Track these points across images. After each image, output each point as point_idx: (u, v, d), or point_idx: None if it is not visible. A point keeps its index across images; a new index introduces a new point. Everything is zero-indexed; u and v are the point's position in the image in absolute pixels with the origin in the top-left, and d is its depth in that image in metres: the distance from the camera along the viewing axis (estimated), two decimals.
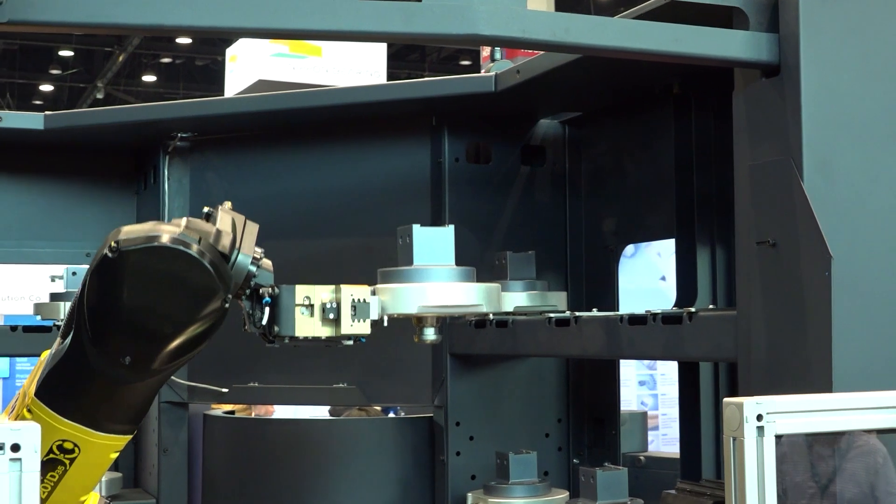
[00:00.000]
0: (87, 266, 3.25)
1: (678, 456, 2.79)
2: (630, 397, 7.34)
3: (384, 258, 2.69)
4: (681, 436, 2.73)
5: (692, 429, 2.66)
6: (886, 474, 2.03)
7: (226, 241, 2.15)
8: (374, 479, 3.00)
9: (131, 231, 2.09)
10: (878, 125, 2.01)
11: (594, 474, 2.49)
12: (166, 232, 2.05)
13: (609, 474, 2.50)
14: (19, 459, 1.35)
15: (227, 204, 2.39)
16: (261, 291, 2.32)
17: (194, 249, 2.05)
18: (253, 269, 2.23)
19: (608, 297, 2.95)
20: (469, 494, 2.80)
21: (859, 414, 1.81)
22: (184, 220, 2.16)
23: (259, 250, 2.28)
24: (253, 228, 2.37)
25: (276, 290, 2.36)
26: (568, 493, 2.79)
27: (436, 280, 2.30)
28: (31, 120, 3.13)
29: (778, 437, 1.69)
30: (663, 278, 3.71)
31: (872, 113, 2.00)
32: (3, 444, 1.35)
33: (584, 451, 3.04)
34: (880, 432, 1.85)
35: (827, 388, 1.90)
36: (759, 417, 1.68)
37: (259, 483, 3.08)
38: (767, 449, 1.68)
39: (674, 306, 2.52)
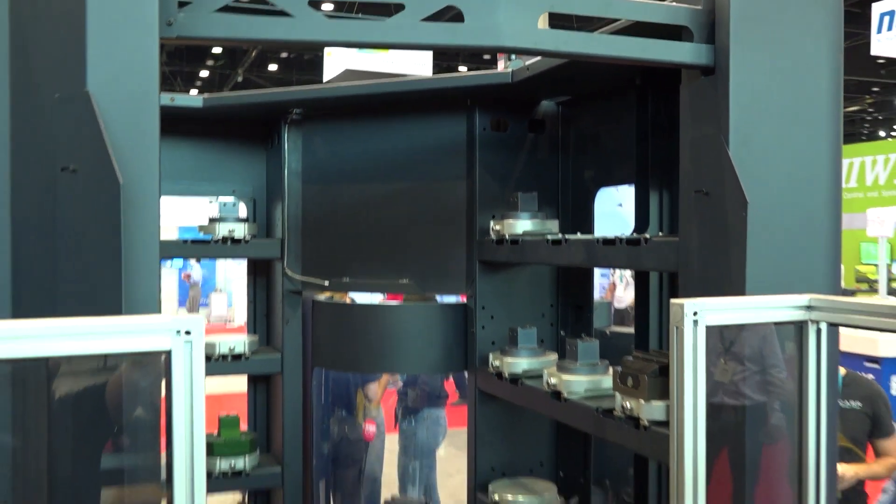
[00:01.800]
0: (232, 198, 3.31)
1: (633, 332, 2.76)
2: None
3: (432, 196, 2.88)
4: (635, 319, 2.70)
5: (643, 314, 2.63)
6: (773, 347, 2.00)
7: None
8: (427, 344, 3.00)
9: None
10: (784, 112, 1.97)
11: (575, 344, 2.47)
12: None
13: (586, 344, 2.47)
14: (190, 341, 1.33)
15: None
16: None
17: None
18: None
19: (587, 224, 2.93)
20: (490, 355, 2.80)
21: (762, 311, 1.76)
22: None
23: None
24: None
25: None
26: (557, 356, 2.77)
27: None
28: (193, 101, 3.12)
29: (708, 328, 1.65)
30: (620, 205, 3.66)
31: (780, 103, 1.96)
32: (180, 329, 1.33)
33: (569, 327, 3.03)
34: (777, 324, 1.81)
35: (742, 293, 1.86)
36: (695, 313, 1.63)
37: (349, 345, 3.10)
38: (700, 335, 1.64)
39: (632, 232, 2.50)
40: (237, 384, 3.71)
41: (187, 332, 1.30)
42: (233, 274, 18.22)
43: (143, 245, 1.65)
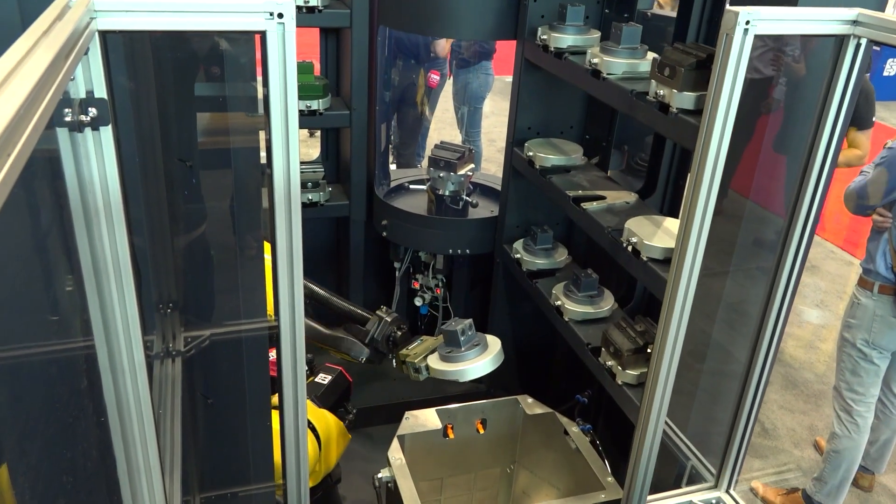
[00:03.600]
0: None
1: (675, 16, 2.55)
2: None
3: None
4: (678, 8, 2.47)
5: (687, 2, 2.40)
6: None
7: None
8: (482, 12, 2.79)
9: None
10: None
11: (620, 27, 2.30)
12: None
13: (629, 28, 2.29)
14: (283, 24, 1.24)
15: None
16: None
17: None
18: None
19: None
20: (538, 28, 2.62)
21: (812, 23, 1.59)
22: None
23: None
24: None
25: None
26: (599, 35, 2.59)
27: None
28: None
29: (756, 37, 1.51)
30: None
31: None
32: (272, 12, 1.23)
33: (613, 5, 2.78)
34: (821, 36, 1.64)
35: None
36: (748, 22, 1.49)
37: (412, 8, 2.89)
38: (748, 44, 1.51)
39: None
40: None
41: (280, 15, 1.21)
42: None
43: None
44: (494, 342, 2.35)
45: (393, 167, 4.00)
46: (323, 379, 2.53)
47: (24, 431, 1.12)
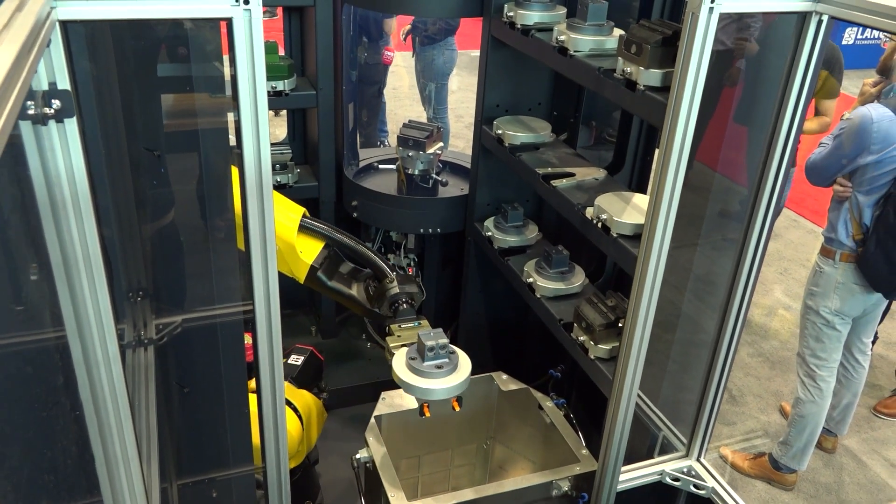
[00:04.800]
0: None
1: None
2: None
3: None
4: None
5: None
6: None
7: None
8: None
9: None
10: None
11: (586, 4, 2.30)
12: None
13: (595, 6, 2.30)
14: (249, 9, 1.22)
15: None
16: None
17: None
18: None
19: None
20: (505, 5, 2.61)
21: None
22: None
23: None
24: None
25: None
26: (566, 11, 2.59)
27: None
28: None
29: (721, 15, 1.52)
30: None
31: None
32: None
33: None
34: (783, 14, 1.67)
35: None
36: (713, 0, 1.50)
37: None
38: (713, 22, 1.52)
39: None
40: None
41: (245, 1, 1.19)
42: None
43: None
44: (462, 370, 2.05)
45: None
46: (296, 360, 2.53)
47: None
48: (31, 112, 1.04)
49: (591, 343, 2.30)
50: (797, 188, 4.51)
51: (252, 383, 1.70)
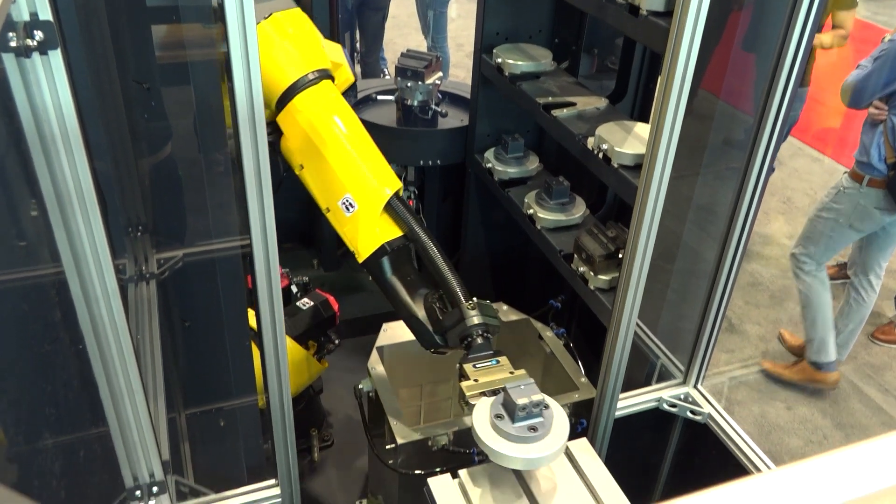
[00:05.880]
0: None
1: None
2: None
3: None
4: None
5: None
6: None
7: None
8: None
9: None
10: None
11: None
12: None
13: None
14: None
15: None
16: None
17: None
18: None
19: None
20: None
21: None
22: None
23: None
24: None
25: None
26: None
27: None
28: None
29: None
30: None
31: None
32: None
33: None
34: None
35: None
36: None
37: None
38: None
39: None
40: None
41: None
42: None
43: None
44: (559, 426, 1.62)
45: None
46: (304, 304, 2.52)
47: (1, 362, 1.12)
48: (12, 44, 1.01)
49: (591, 274, 2.30)
50: (802, 116, 4.43)
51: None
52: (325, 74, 1.90)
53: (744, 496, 0.47)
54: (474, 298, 1.87)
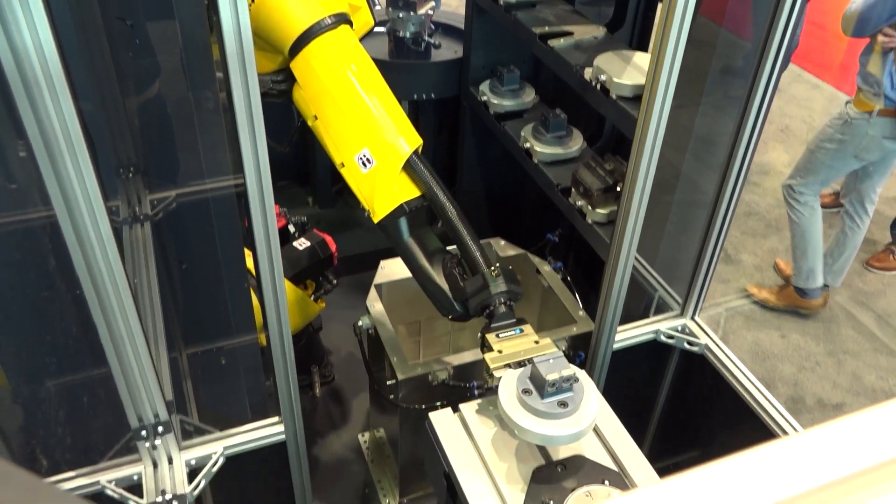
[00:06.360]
0: None
1: None
2: None
3: None
4: None
5: None
6: None
7: None
8: None
9: None
10: None
11: None
12: None
13: None
14: None
15: None
16: None
17: None
18: None
19: None
20: None
21: None
22: None
23: None
24: None
25: None
26: None
27: None
28: None
29: None
30: None
31: None
32: None
33: None
34: None
35: None
36: None
37: None
38: None
39: None
40: None
41: None
42: None
43: None
44: (589, 399, 1.53)
45: None
46: (301, 245, 2.49)
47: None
48: None
49: (589, 208, 2.28)
50: (802, 41, 4.33)
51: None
52: (342, 19, 1.75)
53: (771, 459, 0.47)
54: (497, 264, 1.77)
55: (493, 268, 1.75)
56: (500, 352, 1.68)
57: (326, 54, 1.72)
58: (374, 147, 1.73)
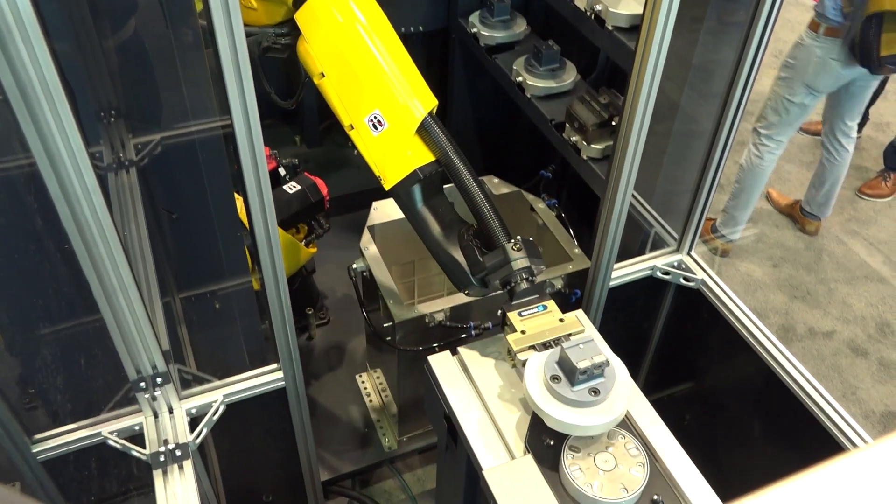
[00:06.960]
0: None
1: None
2: None
3: None
4: None
5: None
6: None
7: None
8: None
9: None
10: None
11: None
12: None
13: None
14: None
15: None
16: None
17: None
18: None
19: None
20: None
21: None
22: None
23: None
24: None
25: None
26: None
27: None
28: None
29: None
30: None
31: None
32: None
33: None
34: None
35: None
36: None
37: None
38: None
39: None
40: None
41: None
42: None
43: None
44: (620, 386, 1.43)
45: None
46: (291, 188, 2.44)
47: None
48: None
49: (584, 143, 2.24)
50: None
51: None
52: None
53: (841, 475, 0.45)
54: (518, 237, 1.65)
55: (513, 241, 1.64)
56: (523, 332, 1.57)
57: (333, 3, 1.59)
58: (386, 108, 1.60)
